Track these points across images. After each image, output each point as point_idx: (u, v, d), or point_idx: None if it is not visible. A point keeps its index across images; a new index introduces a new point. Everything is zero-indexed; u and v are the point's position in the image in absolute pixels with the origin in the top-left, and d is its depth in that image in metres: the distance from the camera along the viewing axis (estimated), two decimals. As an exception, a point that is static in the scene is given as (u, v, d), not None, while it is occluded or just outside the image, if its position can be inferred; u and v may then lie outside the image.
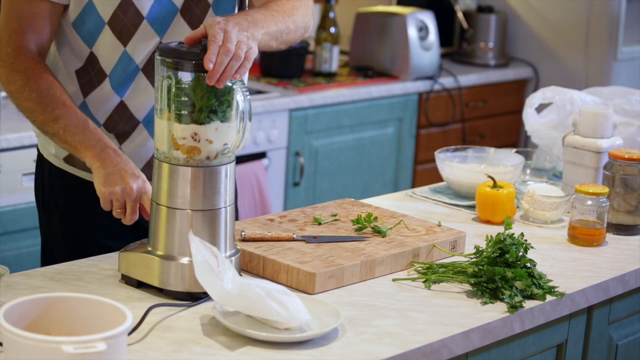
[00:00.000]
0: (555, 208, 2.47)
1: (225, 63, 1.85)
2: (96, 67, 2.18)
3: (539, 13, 5.07)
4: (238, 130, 1.88)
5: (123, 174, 2.06)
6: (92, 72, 2.19)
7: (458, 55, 5.08)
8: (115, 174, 2.06)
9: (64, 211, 2.29)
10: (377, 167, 4.53)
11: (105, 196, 2.06)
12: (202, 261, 1.78)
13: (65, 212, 2.29)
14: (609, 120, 2.56)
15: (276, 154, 4.13)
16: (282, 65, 4.37)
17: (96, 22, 2.13)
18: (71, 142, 2.10)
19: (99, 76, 2.18)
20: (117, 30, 2.14)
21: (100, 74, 2.18)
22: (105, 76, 2.18)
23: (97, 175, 2.07)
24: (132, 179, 2.06)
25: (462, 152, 2.74)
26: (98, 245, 2.23)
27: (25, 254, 3.37)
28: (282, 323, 1.79)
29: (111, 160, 2.07)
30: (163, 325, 1.81)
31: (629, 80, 4.88)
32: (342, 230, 2.22)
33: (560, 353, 2.18)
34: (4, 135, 3.30)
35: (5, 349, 1.49)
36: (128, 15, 2.13)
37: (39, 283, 1.95)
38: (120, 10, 2.12)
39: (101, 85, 2.19)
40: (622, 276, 2.22)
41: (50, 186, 2.30)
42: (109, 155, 2.08)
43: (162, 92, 1.89)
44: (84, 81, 2.20)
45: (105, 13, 2.13)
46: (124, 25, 2.14)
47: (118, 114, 2.20)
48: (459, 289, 2.05)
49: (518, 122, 4.93)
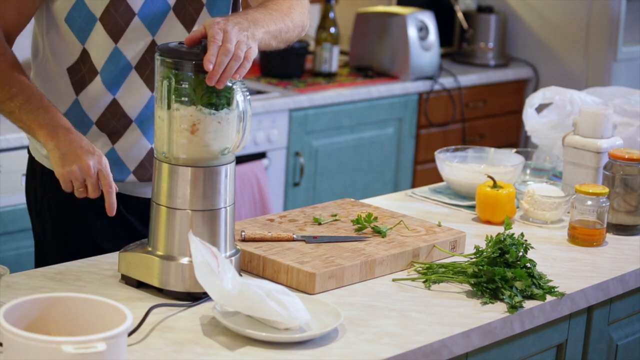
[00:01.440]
0: (555, 208, 2.47)
1: (224, 63, 1.84)
2: (88, 63, 2.17)
3: (539, 13, 5.07)
4: (238, 130, 1.88)
5: (79, 152, 2.01)
6: (83, 68, 2.18)
7: (458, 55, 5.08)
8: (70, 153, 2.02)
9: (55, 214, 2.27)
10: (377, 167, 4.53)
11: (64, 177, 2.02)
12: (202, 261, 1.78)
13: (57, 215, 2.27)
14: (609, 120, 2.56)
15: (276, 154, 4.13)
16: (282, 66, 4.37)
17: (87, 17, 2.13)
18: (25, 121, 2.07)
19: (90, 73, 2.18)
20: (109, 27, 2.13)
21: (92, 70, 2.17)
22: (96, 73, 2.17)
23: (53, 156, 2.03)
24: (88, 156, 2.01)
25: (462, 152, 2.74)
26: (92, 247, 2.22)
27: (25, 254, 3.37)
28: (282, 323, 1.79)
29: (65, 139, 2.04)
30: (163, 326, 1.81)
31: (629, 80, 4.88)
32: (342, 230, 2.22)
33: (560, 353, 2.18)
34: (4, 135, 3.30)
35: (5, 349, 1.49)
36: (120, 12, 2.13)
37: (39, 283, 1.95)
38: (112, 6, 2.12)
39: (93, 83, 2.18)
40: (622, 276, 2.22)
41: (42, 189, 2.28)
42: (61, 133, 2.04)
43: (162, 92, 1.89)
44: (75, 78, 2.19)
45: (96, 9, 2.12)
46: (115, 21, 2.13)
47: (110, 112, 2.20)
48: (459, 289, 2.05)
49: (518, 122, 4.93)
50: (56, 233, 2.28)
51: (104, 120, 2.20)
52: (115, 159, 2.20)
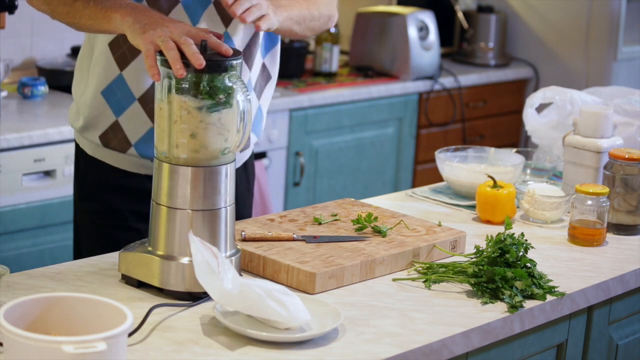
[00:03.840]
0: (555, 208, 2.47)
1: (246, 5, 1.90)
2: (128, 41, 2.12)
3: (539, 13, 5.07)
4: (238, 129, 1.88)
5: (161, 22, 1.94)
6: (124, 46, 2.19)
7: (458, 55, 5.08)
8: (152, 23, 1.93)
9: (96, 196, 2.31)
10: (377, 167, 4.53)
11: (145, 40, 1.89)
12: (202, 261, 1.78)
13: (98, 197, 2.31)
14: (609, 120, 2.56)
15: (276, 154, 4.13)
16: (282, 65, 4.33)
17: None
18: (102, 13, 2.02)
19: (131, 51, 2.18)
20: (155, 9, 2.10)
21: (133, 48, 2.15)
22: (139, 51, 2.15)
23: (132, 30, 1.95)
24: (173, 24, 1.92)
25: (462, 152, 2.74)
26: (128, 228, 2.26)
27: (25, 254, 3.37)
28: (282, 323, 1.79)
29: (145, 14, 1.97)
30: (163, 325, 1.81)
31: (629, 80, 4.88)
32: (342, 230, 2.22)
33: (561, 353, 2.18)
34: (4, 135, 3.30)
35: (6, 349, 1.49)
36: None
37: (39, 283, 1.95)
38: None
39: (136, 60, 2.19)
40: (622, 276, 2.22)
41: (84, 174, 2.33)
42: (141, 9, 1.99)
43: (162, 91, 1.89)
44: (117, 54, 2.20)
45: None
46: (160, 5, 2.15)
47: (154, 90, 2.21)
48: (459, 289, 2.05)
49: (518, 122, 4.93)
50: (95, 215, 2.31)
51: (148, 96, 2.21)
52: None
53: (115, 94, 2.22)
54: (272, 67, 2.37)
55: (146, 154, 2.25)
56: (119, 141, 2.24)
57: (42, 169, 3.40)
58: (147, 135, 2.24)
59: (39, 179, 3.40)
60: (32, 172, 3.38)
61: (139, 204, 2.25)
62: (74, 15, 2.10)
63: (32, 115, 3.54)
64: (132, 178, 2.28)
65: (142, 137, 2.24)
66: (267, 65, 2.35)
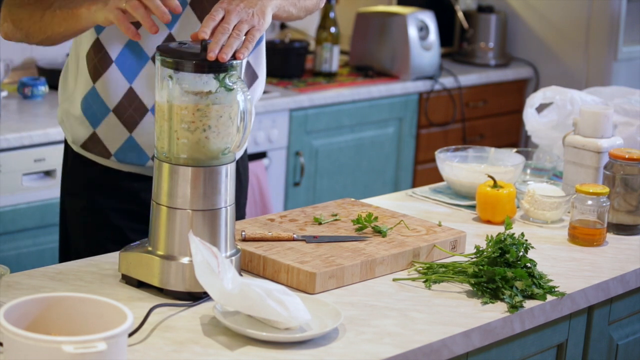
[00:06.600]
0: (555, 208, 2.47)
1: (222, 40, 1.86)
2: (102, 52, 2.18)
3: (539, 13, 5.07)
4: (238, 129, 1.88)
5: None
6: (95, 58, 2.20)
7: (458, 55, 5.08)
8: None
9: (82, 194, 2.31)
10: (377, 167, 4.53)
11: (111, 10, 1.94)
12: (202, 261, 1.78)
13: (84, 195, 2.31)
14: (609, 120, 2.56)
15: (276, 153, 4.13)
16: (283, 65, 4.37)
17: None
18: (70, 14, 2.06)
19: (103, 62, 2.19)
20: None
21: (105, 59, 2.18)
22: (111, 62, 2.18)
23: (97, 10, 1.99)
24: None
25: (462, 152, 2.74)
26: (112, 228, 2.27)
27: (25, 254, 3.37)
28: (282, 323, 1.79)
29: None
30: (163, 325, 1.81)
31: (629, 80, 4.88)
32: (342, 230, 2.22)
33: (561, 353, 2.18)
34: (4, 135, 3.30)
35: (6, 349, 1.49)
36: None
37: (39, 283, 1.95)
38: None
39: (109, 70, 2.19)
40: (623, 276, 2.22)
41: (71, 170, 2.33)
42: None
43: (162, 91, 1.89)
44: (90, 66, 2.21)
45: None
46: None
47: (127, 100, 2.21)
48: (459, 289, 2.05)
49: (518, 122, 4.93)
50: (81, 213, 2.31)
51: (121, 108, 2.22)
52: (134, 146, 2.24)
53: (91, 106, 2.24)
54: (257, 66, 2.34)
55: (127, 160, 2.26)
56: (99, 151, 2.26)
57: (42, 169, 3.40)
58: (126, 144, 2.24)
59: (39, 179, 3.40)
60: (32, 172, 3.38)
61: (121, 202, 2.27)
62: (45, 29, 2.12)
63: (32, 115, 3.54)
64: (115, 175, 2.29)
65: (121, 147, 2.25)
66: (251, 64, 2.33)
